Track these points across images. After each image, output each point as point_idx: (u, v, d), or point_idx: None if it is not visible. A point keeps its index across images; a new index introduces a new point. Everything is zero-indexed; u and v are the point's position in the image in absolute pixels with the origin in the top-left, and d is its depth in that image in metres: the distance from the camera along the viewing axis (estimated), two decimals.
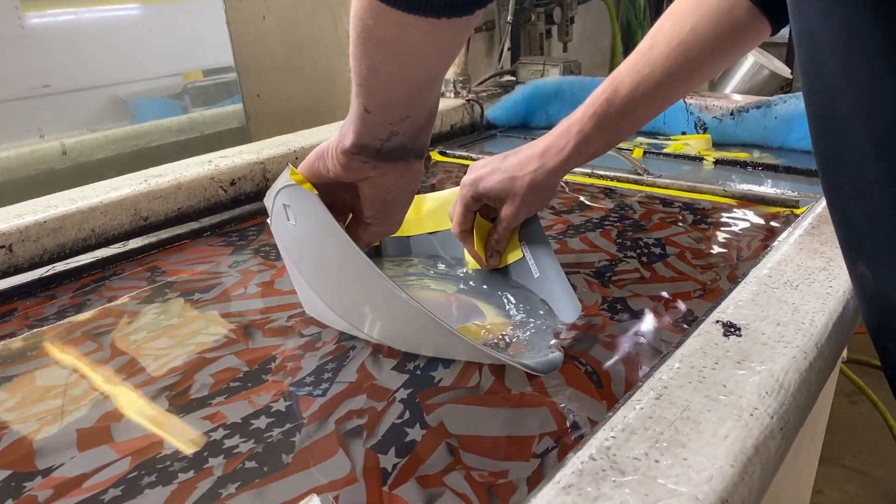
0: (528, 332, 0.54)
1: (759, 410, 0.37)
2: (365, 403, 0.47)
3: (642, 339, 0.54)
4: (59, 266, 0.68)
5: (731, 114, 1.05)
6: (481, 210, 0.63)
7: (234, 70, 1.17)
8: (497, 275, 0.64)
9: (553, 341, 0.53)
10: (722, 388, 0.39)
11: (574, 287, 0.59)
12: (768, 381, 0.39)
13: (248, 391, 0.49)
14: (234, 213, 0.82)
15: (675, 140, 1.09)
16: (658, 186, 0.89)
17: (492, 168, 0.61)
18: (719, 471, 0.33)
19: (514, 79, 1.39)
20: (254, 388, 0.49)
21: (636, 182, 0.91)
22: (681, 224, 0.77)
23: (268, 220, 0.54)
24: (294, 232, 0.51)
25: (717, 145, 1.07)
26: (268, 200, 0.53)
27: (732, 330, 0.45)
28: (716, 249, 0.71)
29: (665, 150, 1.05)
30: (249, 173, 0.86)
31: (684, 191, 0.87)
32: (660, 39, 0.57)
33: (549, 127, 1.22)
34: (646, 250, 0.71)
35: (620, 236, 0.74)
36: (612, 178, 0.92)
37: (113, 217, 0.73)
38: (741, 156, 1.00)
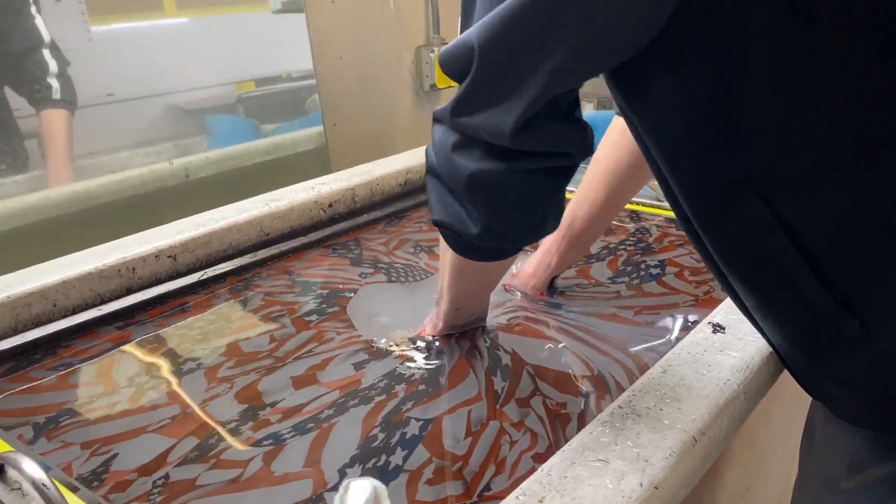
0: None
1: (731, 381, 0.56)
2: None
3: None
4: (209, 272, 0.90)
5: None
6: None
7: (315, 87, 1.38)
8: None
9: None
10: (707, 367, 0.58)
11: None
12: (739, 363, 0.59)
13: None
14: (333, 230, 1.03)
15: None
16: None
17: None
18: (700, 416, 0.52)
19: None
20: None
21: (658, 207, 1.09)
22: (688, 245, 0.96)
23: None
24: None
25: None
26: None
27: (719, 328, 0.64)
28: None
29: None
30: (342, 197, 1.06)
31: None
32: (597, 173, 0.79)
33: None
34: (644, 272, 0.88)
35: (626, 262, 0.91)
36: (637, 203, 1.11)
37: (245, 234, 0.94)
38: None
